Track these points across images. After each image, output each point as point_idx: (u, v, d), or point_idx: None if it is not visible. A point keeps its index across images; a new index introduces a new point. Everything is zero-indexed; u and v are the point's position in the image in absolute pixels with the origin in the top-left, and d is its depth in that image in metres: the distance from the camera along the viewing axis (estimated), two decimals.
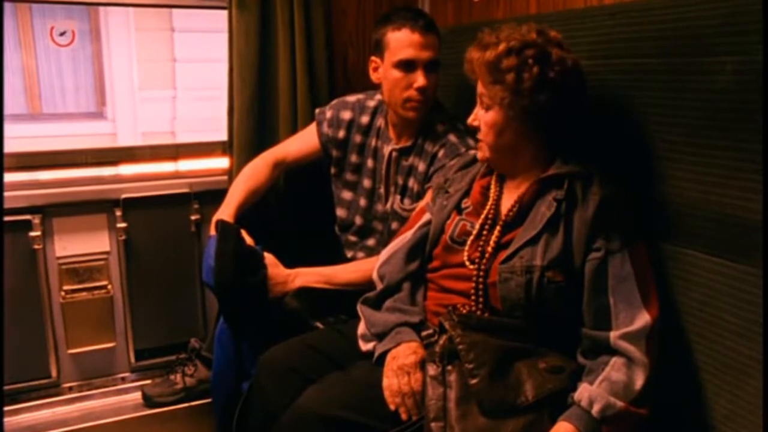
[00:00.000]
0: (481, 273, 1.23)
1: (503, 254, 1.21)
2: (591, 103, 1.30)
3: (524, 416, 1.09)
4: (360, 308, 1.40)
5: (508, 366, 1.13)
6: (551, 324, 1.18)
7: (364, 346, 1.35)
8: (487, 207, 1.29)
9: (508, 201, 1.28)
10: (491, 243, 1.24)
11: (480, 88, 1.25)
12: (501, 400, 1.09)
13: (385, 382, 1.22)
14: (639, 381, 1.09)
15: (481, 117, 1.26)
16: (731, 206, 1.08)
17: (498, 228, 1.25)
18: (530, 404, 1.10)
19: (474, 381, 1.09)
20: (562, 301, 1.16)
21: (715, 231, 1.12)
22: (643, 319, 1.11)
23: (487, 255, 1.23)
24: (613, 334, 1.11)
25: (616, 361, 1.11)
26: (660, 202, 1.22)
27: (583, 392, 1.09)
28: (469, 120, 1.30)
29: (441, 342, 1.15)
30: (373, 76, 1.65)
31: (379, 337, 1.32)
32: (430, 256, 1.37)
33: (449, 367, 1.13)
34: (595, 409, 1.07)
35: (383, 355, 1.27)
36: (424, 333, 1.28)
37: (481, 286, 1.22)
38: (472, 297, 1.23)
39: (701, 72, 1.12)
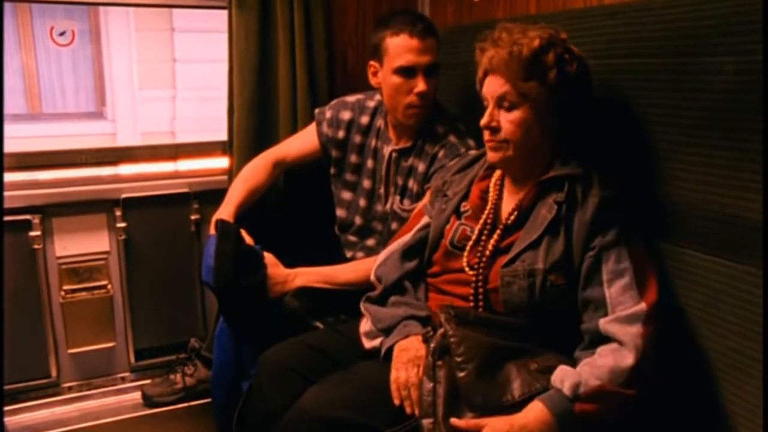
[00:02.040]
0: (480, 278, 1.22)
1: (503, 258, 1.20)
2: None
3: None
4: (364, 306, 1.39)
5: (500, 364, 1.12)
6: (552, 325, 1.18)
7: (369, 344, 1.34)
8: (486, 211, 1.28)
9: (508, 205, 1.27)
10: (489, 247, 1.23)
11: (502, 87, 1.17)
12: (487, 396, 1.08)
13: (393, 374, 1.21)
14: (627, 362, 1.07)
15: (504, 117, 1.18)
16: (731, 206, 1.08)
17: (498, 232, 1.24)
18: (515, 402, 1.08)
19: (462, 374, 1.08)
20: (564, 303, 1.16)
21: (715, 231, 1.12)
22: (638, 306, 1.10)
23: (485, 260, 1.23)
24: (603, 320, 1.10)
25: (603, 348, 1.10)
26: (660, 202, 1.22)
27: (558, 373, 1.09)
28: (484, 121, 1.20)
29: (436, 337, 1.15)
30: (373, 81, 1.64)
31: (386, 332, 1.31)
32: (430, 261, 1.36)
33: (439, 363, 1.12)
34: (566, 386, 1.05)
35: (390, 350, 1.27)
36: (424, 329, 1.27)
37: (480, 290, 1.22)
38: (472, 302, 1.23)
39: (701, 72, 1.12)
